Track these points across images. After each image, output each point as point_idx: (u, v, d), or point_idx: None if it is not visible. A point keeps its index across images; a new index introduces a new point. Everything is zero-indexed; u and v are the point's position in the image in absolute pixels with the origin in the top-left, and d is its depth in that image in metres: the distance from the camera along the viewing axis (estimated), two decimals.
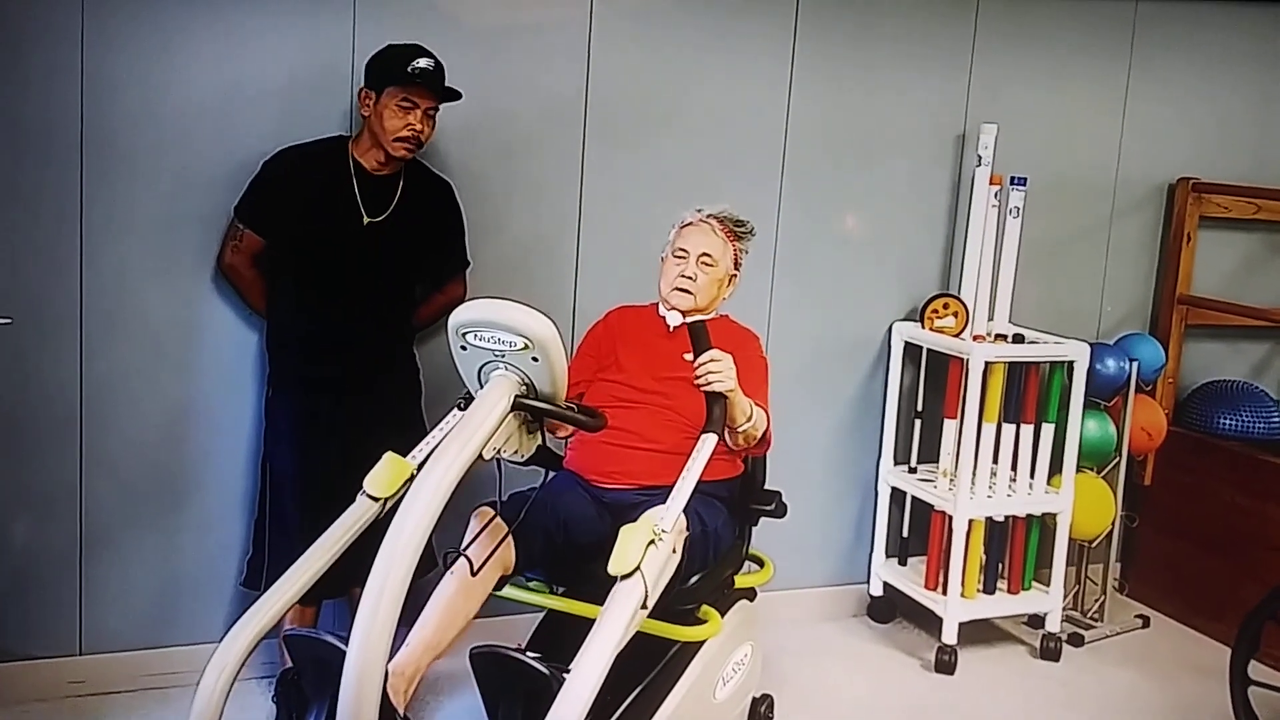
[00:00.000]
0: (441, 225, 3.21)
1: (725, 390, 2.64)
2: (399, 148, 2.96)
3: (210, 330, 3.20)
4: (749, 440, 2.83)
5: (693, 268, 2.95)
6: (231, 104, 3.12)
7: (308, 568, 2.30)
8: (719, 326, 3.06)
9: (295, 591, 2.27)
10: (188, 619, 3.27)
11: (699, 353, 2.66)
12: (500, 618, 3.23)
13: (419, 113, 2.95)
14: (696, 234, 2.99)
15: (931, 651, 3.77)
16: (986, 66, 3.99)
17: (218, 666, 2.16)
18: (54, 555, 3.14)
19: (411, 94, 2.93)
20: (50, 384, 3.07)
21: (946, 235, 4.04)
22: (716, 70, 3.65)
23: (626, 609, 2.22)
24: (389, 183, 3.06)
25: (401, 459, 2.43)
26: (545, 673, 2.11)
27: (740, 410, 2.73)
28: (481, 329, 2.30)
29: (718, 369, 2.63)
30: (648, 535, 2.29)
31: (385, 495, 2.37)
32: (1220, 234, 4.47)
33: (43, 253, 3.01)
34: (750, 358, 2.92)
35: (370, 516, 2.38)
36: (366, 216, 3.01)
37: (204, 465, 3.24)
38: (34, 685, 3.13)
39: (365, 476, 2.41)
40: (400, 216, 3.07)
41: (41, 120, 2.96)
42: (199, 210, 3.12)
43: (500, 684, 2.17)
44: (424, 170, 3.18)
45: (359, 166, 3.03)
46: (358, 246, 3.03)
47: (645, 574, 2.25)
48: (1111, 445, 4.07)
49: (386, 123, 2.94)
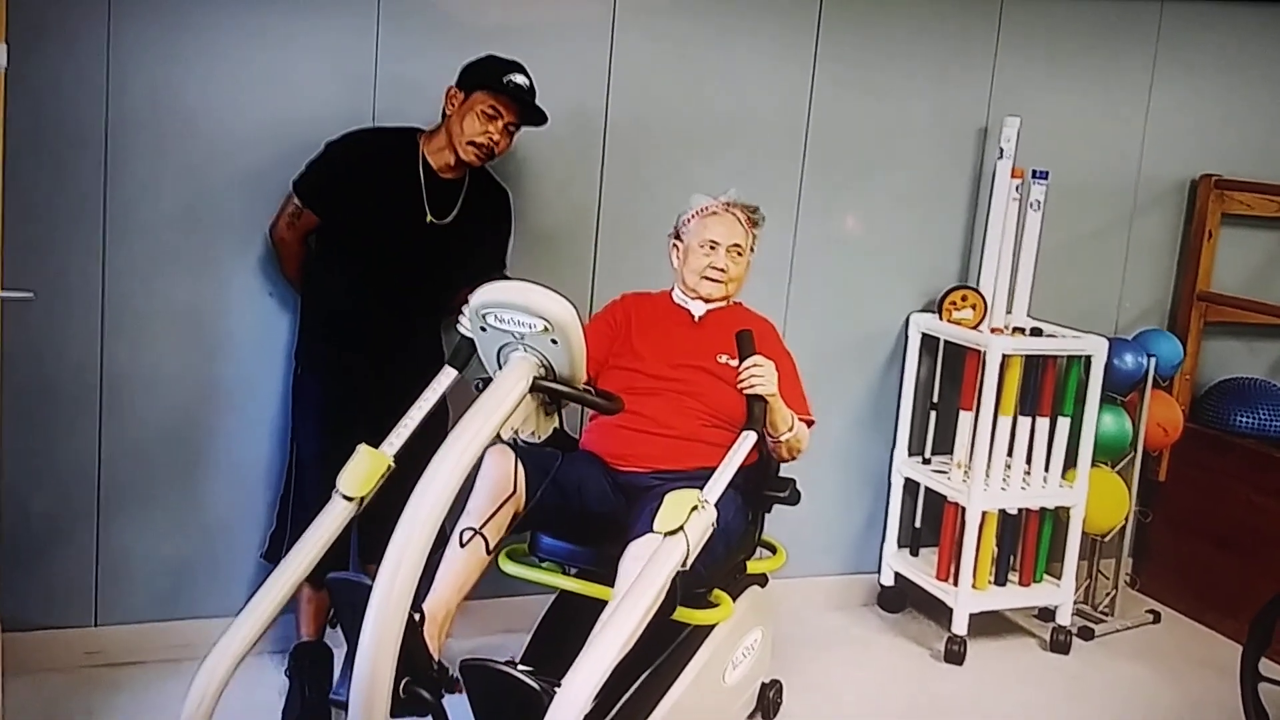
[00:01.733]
0: (495, 232, 3.22)
1: (766, 394, 2.76)
2: (470, 152, 2.96)
3: (236, 310, 3.21)
4: (792, 452, 2.96)
5: (723, 259, 2.98)
6: (262, 88, 3.12)
7: (287, 575, 2.34)
8: (735, 314, 3.08)
9: (272, 603, 2.31)
10: (204, 593, 3.29)
11: (744, 358, 2.79)
12: (513, 598, 3.27)
13: (500, 124, 2.95)
14: (724, 224, 3.00)
15: (941, 642, 3.78)
16: (1011, 59, 3.97)
17: (199, 690, 2.19)
18: (72, 527, 3.16)
19: (499, 103, 2.94)
20: (71, 358, 3.09)
21: (966, 227, 4.04)
22: (739, 58, 3.64)
23: (669, 563, 2.31)
24: (454, 186, 3.06)
25: (376, 451, 2.47)
26: (536, 688, 2.13)
27: (781, 419, 2.85)
28: (502, 310, 2.31)
29: (761, 374, 2.75)
30: (693, 501, 2.39)
31: (361, 495, 2.42)
32: (1241, 231, 4.45)
33: (66, 228, 3.03)
34: (788, 371, 2.97)
35: (346, 516, 2.41)
36: (430, 216, 3.02)
37: (224, 443, 3.26)
38: (50, 655, 3.16)
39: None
40: (462, 221, 3.06)
41: (68, 96, 2.97)
42: (228, 189, 3.13)
43: (491, 698, 2.19)
44: (488, 177, 3.17)
45: (427, 165, 3.02)
46: (415, 244, 3.02)
47: (689, 534, 2.34)
48: (1127, 440, 4.07)
49: (466, 125, 2.94)
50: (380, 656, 2.05)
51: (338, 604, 2.36)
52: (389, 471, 2.46)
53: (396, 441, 2.52)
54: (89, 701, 3.05)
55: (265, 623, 2.30)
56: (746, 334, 2.83)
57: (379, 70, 3.21)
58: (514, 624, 3.29)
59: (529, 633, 2.97)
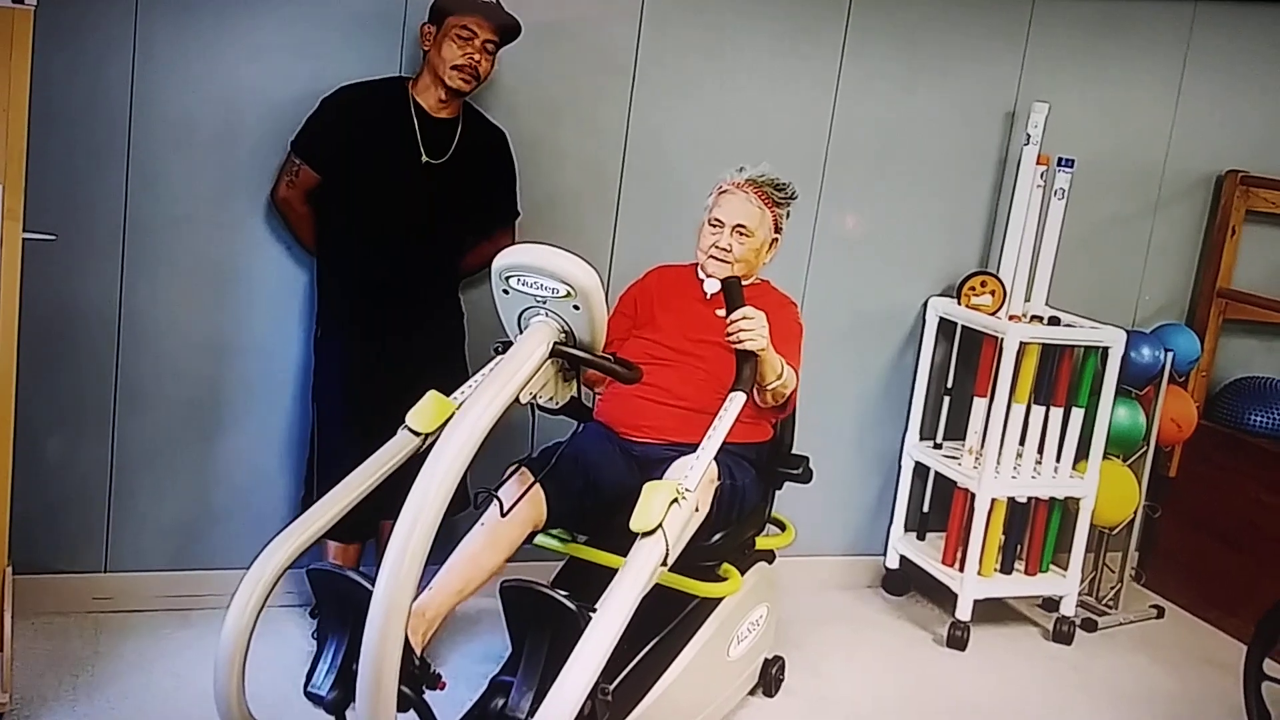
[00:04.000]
0: (495, 172, 3.22)
1: (757, 349, 2.64)
2: (456, 77, 2.98)
3: (259, 266, 3.21)
4: (776, 398, 2.83)
5: (727, 238, 2.93)
6: (288, 39, 3.11)
7: (344, 495, 2.33)
8: (759, 292, 3.06)
9: (329, 518, 2.30)
10: (215, 545, 3.30)
11: (731, 310, 2.66)
12: (521, 563, 3.26)
13: (478, 42, 2.98)
14: (733, 202, 2.96)
15: (944, 627, 3.78)
16: (1041, 46, 3.94)
17: (252, 581, 2.19)
18: (85, 473, 3.18)
19: (470, 22, 2.96)
20: (90, 304, 3.09)
21: (989, 213, 4.02)
22: (767, 33, 3.61)
23: (647, 566, 2.23)
24: (448, 126, 3.08)
25: (444, 398, 2.46)
26: (574, 609, 2.13)
27: (771, 368, 2.73)
28: (525, 274, 2.30)
29: (750, 326, 2.63)
30: (671, 494, 2.29)
31: (427, 430, 2.40)
32: (1265, 229, 4.42)
33: (90, 173, 3.02)
34: (786, 320, 2.92)
35: (410, 450, 2.41)
36: (425, 156, 3.03)
37: (242, 398, 3.27)
38: (59, 599, 3.18)
39: (399, 412, 2.43)
40: (458, 160, 3.08)
41: (95, 40, 2.96)
42: (250, 143, 3.13)
43: (529, 617, 2.18)
44: (481, 118, 3.19)
45: (419, 107, 3.04)
46: (415, 186, 3.04)
47: (667, 531, 2.26)
48: (1140, 434, 4.06)
49: (445, 51, 2.97)
50: (390, 635, 1.99)
51: (320, 595, 2.28)
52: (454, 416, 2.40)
53: (469, 390, 2.50)
54: (96, 646, 3.07)
55: (318, 530, 2.29)
56: (733, 281, 2.71)
57: (408, 18, 3.20)
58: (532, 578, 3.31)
59: None
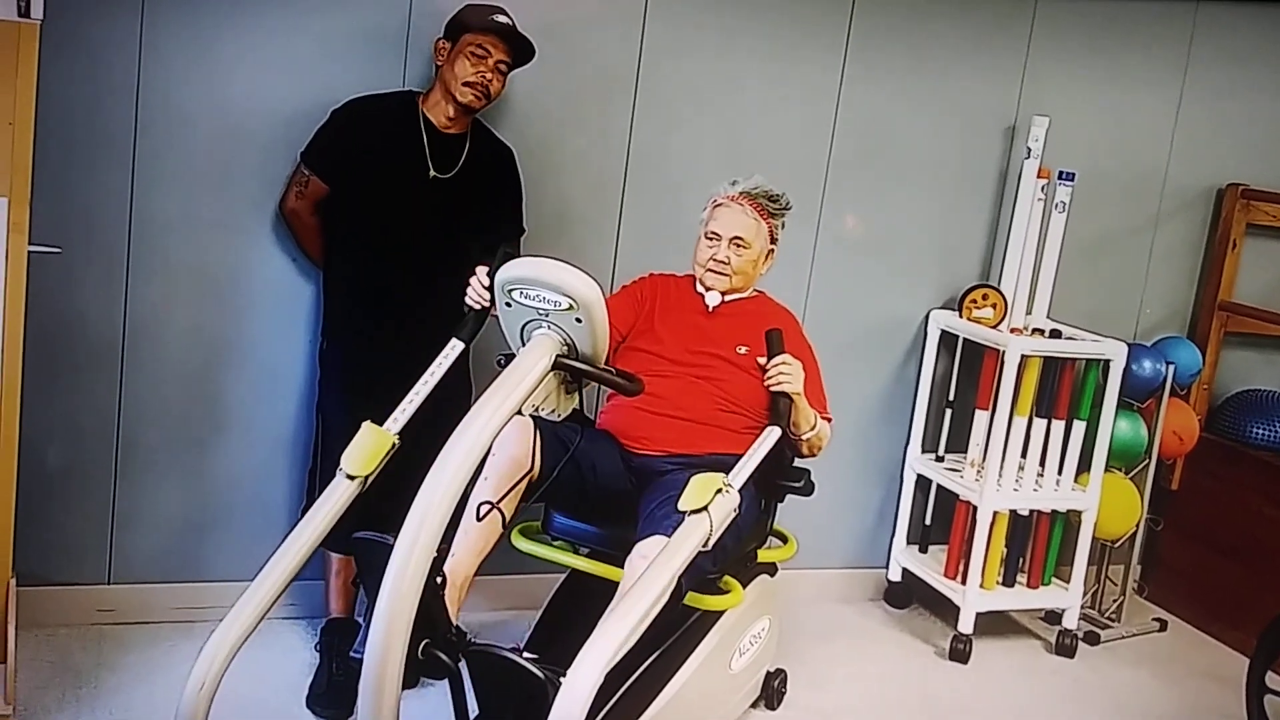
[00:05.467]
0: (502, 188, 3.23)
1: (792, 392, 2.83)
2: (467, 93, 2.99)
3: (263, 274, 3.22)
4: (813, 450, 3.00)
5: (725, 251, 2.97)
6: (292, 54, 3.13)
7: (291, 547, 2.30)
8: (757, 304, 3.07)
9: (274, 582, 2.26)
10: (218, 556, 3.30)
11: (772, 356, 2.86)
12: (523, 576, 3.28)
13: (491, 62, 3.00)
14: (728, 215, 2.99)
15: (946, 640, 3.78)
16: (1041, 59, 3.96)
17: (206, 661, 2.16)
18: (88, 484, 3.18)
19: (486, 42, 2.99)
20: (94, 314, 3.10)
21: (990, 226, 4.03)
22: (768, 48, 3.63)
23: (692, 538, 2.35)
24: (457, 141, 3.09)
25: (379, 428, 2.42)
26: (541, 677, 2.12)
27: (805, 419, 2.89)
28: (528, 287, 2.31)
29: (789, 371, 2.83)
30: (718, 484, 2.43)
31: (365, 474, 2.37)
32: (1266, 242, 4.42)
33: (95, 185, 3.03)
34: (811, 370, 2.99)
35: (350, 495, 2.36)
36: (433, 171, 3.05)
37: (245, 408, 3.27)
38: (62, 610, 3.18)
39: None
40: (466, 175, 3.09)
41: (101, 54, 2.98)
42: (257, 153, 3.14)
43: (496, 684, 2.19)
44: (489, 134, 3.21)
45: (428, 121, 3.06)
46: (422, 200, 3.05)
47: (712, 514, 2.38)
48: (1142, 447, 4.06)
49: (458, 68, 2.98)
50: (397, 616, 2.05)
51: (360, 564, 2.39)
52: (394, 449, 2.41)
53: (401, 418, 2.47)
54: (99, 657, 3.07)
55: (271, 600, 2.25)
56: (776, 333, 2.89)
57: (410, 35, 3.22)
58: (522, 602, 3.32)
59: (538, 610, 2.99)
